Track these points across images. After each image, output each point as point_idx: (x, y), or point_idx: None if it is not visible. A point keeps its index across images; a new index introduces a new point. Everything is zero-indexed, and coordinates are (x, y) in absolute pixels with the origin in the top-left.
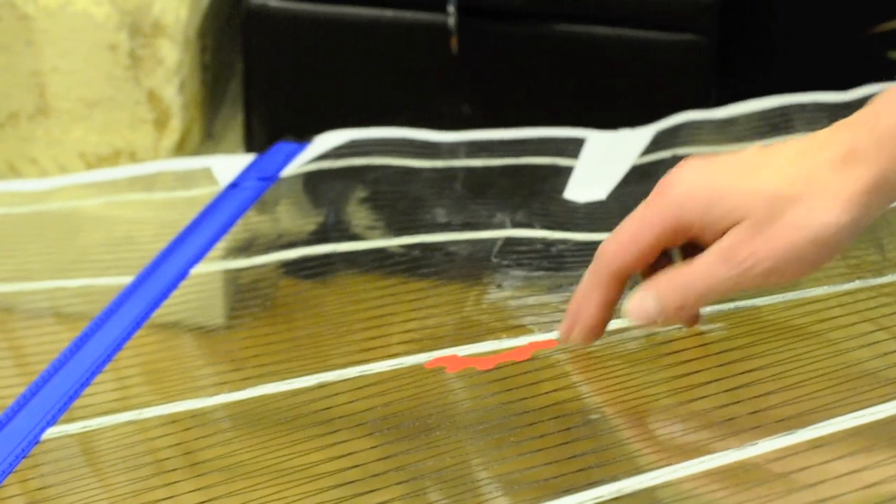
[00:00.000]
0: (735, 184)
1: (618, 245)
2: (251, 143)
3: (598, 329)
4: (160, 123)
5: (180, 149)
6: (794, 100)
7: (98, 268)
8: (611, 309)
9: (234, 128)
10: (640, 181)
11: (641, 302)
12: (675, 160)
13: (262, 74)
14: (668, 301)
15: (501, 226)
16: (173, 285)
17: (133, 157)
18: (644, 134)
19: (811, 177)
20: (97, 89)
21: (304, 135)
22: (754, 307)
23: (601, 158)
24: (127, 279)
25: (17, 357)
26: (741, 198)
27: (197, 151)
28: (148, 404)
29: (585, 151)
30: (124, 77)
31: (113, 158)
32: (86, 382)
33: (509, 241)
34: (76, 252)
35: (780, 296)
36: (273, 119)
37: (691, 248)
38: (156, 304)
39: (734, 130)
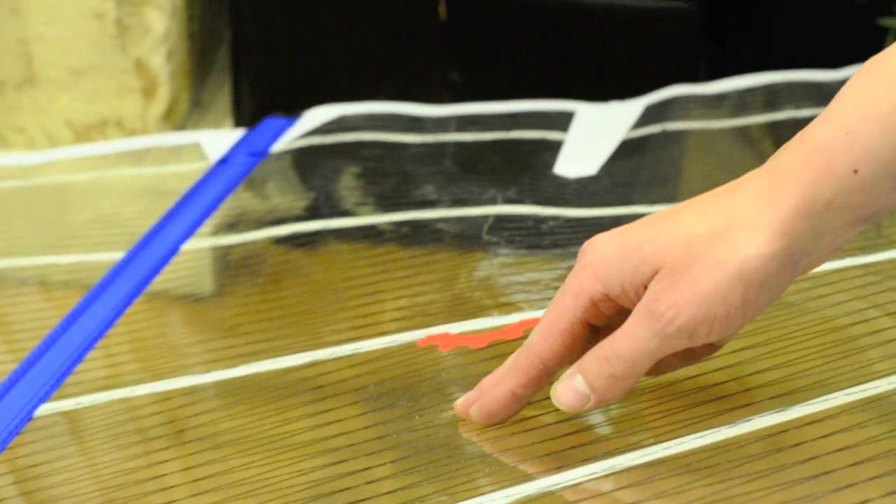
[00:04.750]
0: (648, 233)
1: (538, 331)
2: (239, 111)
3: (499, 415)
4: (148, 92)
5: (168, 117)
6: (784, 77)
7: (88, 244)
8: (521, 399)
9: (222, 96)
10: (630, 155)
11: (569, 383)
12: (665, 135)
13: (250, 43)
14: (595, 376)
15: (492, 202)
16: (164, 261)
17: (120, 126)
18: (634, 107)
19: (731, 212)
20: (84, 58)
21: (291, 103)
22: None
23: (591, 132)
24: (117, 255)
25: (7, 333)
26: (654, 245)
27: (185, 120)
28: (140, 381)
29: (575, 125)
30: (111, 46)
31: (100, 127)
32: (78, 359)
33: (500, 218)
34: (66, 228)
35: None
36: (261, 87)
37: None
38: (146, 280)
39: (724, 106)
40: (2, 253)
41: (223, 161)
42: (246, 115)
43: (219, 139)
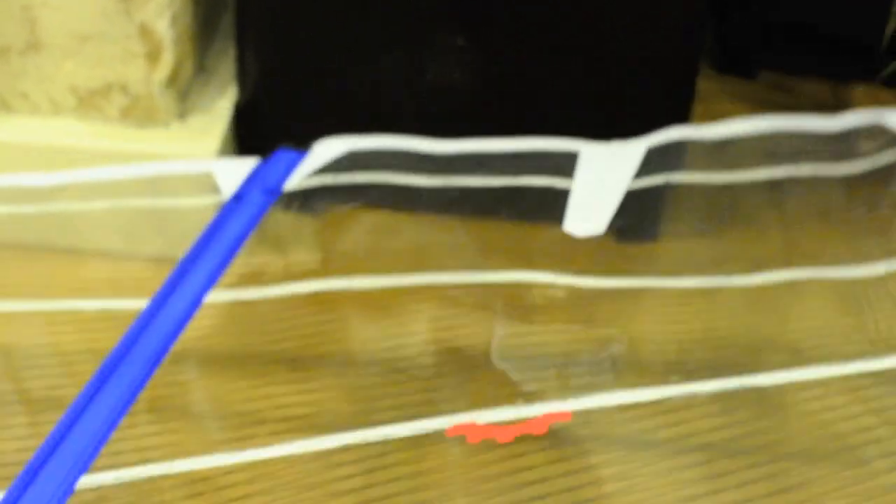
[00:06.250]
0: None
1: None
2: (244, 76)
3: None
4: (152, 57)
5: (172, 82)
6: (784, 125)
7: (103, 290)
8: None
9: (227, 61)
10: (634, 207)
11: None
12: (669, 188)
13: (255, 8)
14: None
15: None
16: (187, 316)
17: (125, 91)
18: (636, 150)
19: None
20: (88, 23)
21: (296, 69)
22: (759, 388)
23: (596, 183)
24: (133, 303)
25: (27, 402)
26: None
27: (189, 84)
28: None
29: (580, 173)
30: (115, 11)
31: (104, 92)
32: (112, 424)
33: (516, 286)
34: (79, 273)
35: (785, 373)
36: (265, 53)
37: None
38: (173, 336)
39: (726, 156)
40: (9, 294)
41: (237, 198)
42: (250, 80)
43: (232, 169)
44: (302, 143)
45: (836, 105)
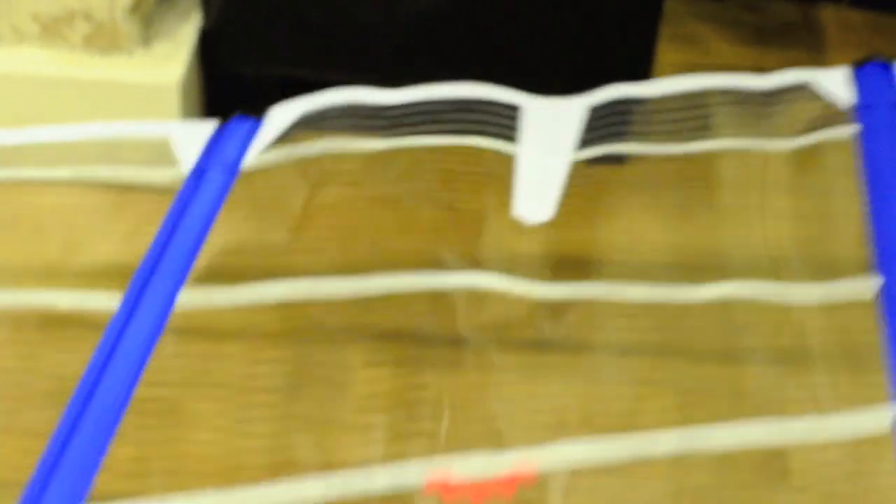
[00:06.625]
0: None
1: None
2: (208, 2)
3: None
4: None
5: (136, 10)
6: (718, 83)
7: (77, 278)
8: None
9: None
10: (582, 196)
11: None
12: (612, 158)
13: None
14: None
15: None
16: (163, 318)
17: (88, 18)
18: (577, 109)
19: None
20: None
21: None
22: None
23: (541, 154)
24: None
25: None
26: None
27: (153, 11)
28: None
29: (524, 141)
30: None
31: (68, 19)
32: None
33: (474, 296)
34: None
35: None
36: None
37: None
38: (149, 346)
39: (664, 122)
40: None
41: (197, 174)
42: (214, 6)
43: (188, 135)
44: (266, 68)
45: (806, 25)
